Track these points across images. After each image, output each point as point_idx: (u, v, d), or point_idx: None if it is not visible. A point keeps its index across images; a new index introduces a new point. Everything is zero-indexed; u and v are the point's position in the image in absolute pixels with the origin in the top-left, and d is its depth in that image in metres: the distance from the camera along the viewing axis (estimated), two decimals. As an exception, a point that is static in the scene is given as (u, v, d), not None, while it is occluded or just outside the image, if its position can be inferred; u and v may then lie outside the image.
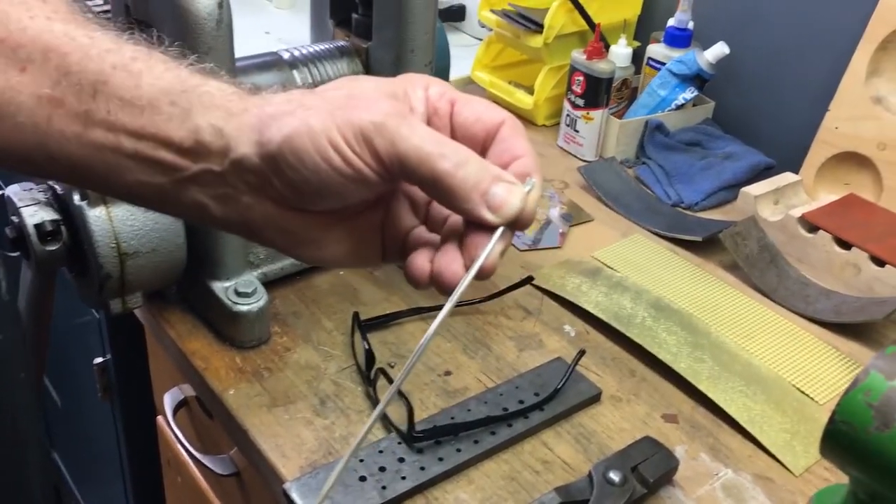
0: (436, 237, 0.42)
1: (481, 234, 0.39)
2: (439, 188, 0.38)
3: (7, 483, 0.52)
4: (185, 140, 0.39)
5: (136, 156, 0.39)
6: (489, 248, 0.38)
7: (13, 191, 0.67)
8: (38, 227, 0.65)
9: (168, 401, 0.89)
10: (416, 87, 0.41)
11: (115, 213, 0.66)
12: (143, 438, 1.16)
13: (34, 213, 0.66)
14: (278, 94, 0.40)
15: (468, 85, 1.26)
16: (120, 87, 0.39)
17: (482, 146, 0.41)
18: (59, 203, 0.67)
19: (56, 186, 0.67)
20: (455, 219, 0.41)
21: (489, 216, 0.38)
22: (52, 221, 0.66)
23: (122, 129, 0.39)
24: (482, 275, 0.39)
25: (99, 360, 1.17)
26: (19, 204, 0.66)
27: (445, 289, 0.39)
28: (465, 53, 1.27)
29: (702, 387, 0.72)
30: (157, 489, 1.14)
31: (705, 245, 0.93)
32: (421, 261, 0.40)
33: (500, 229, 0.38)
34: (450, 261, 0.39)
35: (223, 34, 0.62)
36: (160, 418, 1.04)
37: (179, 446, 0.97)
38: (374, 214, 0.43)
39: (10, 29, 0.39)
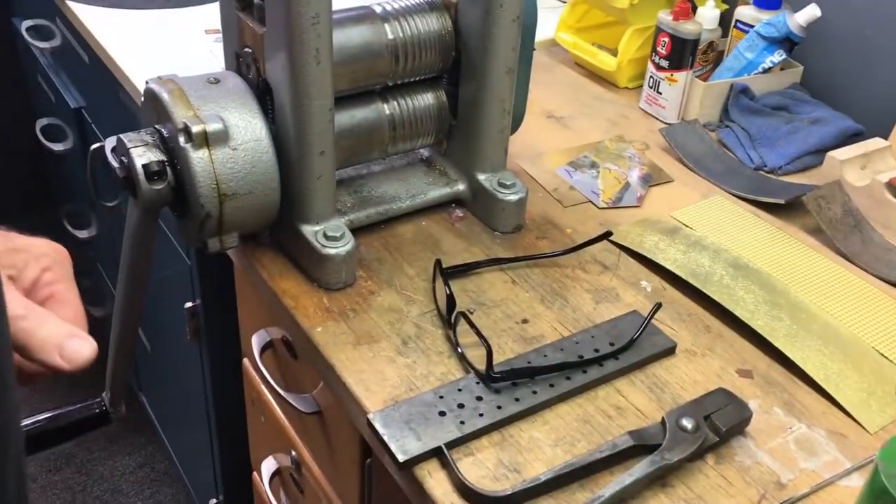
0: None
1: None
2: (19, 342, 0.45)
3: None
4: None
5: None
6: None
7: (123, 134, 0.72)
8: (145, 167, 0.70)
9: (256, 342, 0.94)
10: (36, 266, 0.50)
11: (217, 156, 0.70)
12: (229, 380, 1.22)
13: (142, 153, 0.70)
14: None
15: (552, 47, 1.27)
16: None
17: None
18: (165, 145, 0.71)
19: (162, 129, 0.71)
20: None
21: (63, 365, 0.46)
22: (158, 162, 0.70)
23: None
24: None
25: (189, 304, 1.23)
26: (129, 145, 0.70)
27: None
28: (549, 16, 1.27)
29: (778, 344, 0.73)
30: (241, 429, 1.20)
31: (788, 208, 0.92)
32: None
33: None
34: None
35: (322, -15, 0.65)
36: (246, 360, 1.09)
37: (264, 386, 1.02)
38: None
39: None
